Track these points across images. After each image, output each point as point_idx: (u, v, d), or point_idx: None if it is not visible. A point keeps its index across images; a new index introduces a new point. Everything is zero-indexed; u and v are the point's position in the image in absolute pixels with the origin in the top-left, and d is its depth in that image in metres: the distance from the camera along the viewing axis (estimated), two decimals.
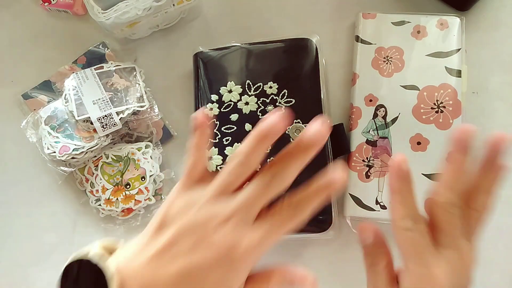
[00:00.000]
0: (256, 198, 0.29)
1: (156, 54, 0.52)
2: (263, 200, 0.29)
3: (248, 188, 0.29)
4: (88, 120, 0.45)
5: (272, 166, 0.30)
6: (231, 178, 0.30)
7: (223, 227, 0.29)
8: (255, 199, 0.29)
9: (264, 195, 0.29)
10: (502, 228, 0.46)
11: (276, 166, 0.30)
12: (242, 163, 0.30)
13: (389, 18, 0.49)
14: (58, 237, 0.48)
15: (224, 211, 0.29)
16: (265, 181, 0.29)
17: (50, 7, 0.53)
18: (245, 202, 0.29)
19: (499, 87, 0.49)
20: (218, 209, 0.29)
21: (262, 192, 0.29)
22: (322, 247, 0.46)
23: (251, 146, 0.30)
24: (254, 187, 0.29)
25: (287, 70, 0.46)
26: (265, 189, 0.29)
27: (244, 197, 0.29)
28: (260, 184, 0.29)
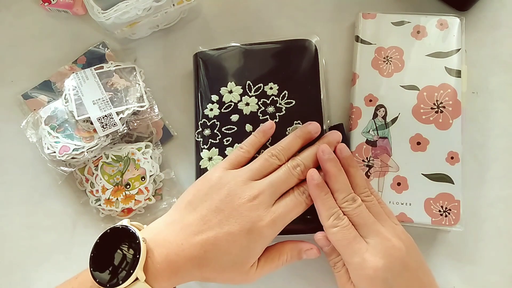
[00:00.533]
0: (280, 183, 0.37)
1: (156, 54, 0.52)
2: (287, 185, 0.38)
3: (276, 173, 0.38)
4: (88, 120, 0.45)
5: (297, 159, 0.39)
6: (262, 168, 0.38)
7: (250, 204, 0.35)
8: (279, 184, 0.37)
9: (289, 181, 0.38)
10: (502, 228, 0.46)
11: (301, 159, 0.39)
12: (275, 155, 0.39)
13: (389, 18, 0.49)
14: (58, 237, 0.48)
15: (252, 191, 0.36)
16: (292, 170, 0.38)
17: (50, 7, 0.53)
18: (270, 186, 0.37)
19: (499, 87, 0.49)
20: (247, 189, 0.36)
21: (287, 178, 0.38)
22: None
23: (288, 142, 0.40)
24: (282, 173, 0.38)
25: (287, 70, 0.46)
26: (290, 176, 0.38)
27: (270, 181, 0.37)
28: (287, 171, 0.38)
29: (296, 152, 0.40)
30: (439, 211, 0.43)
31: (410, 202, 0.43)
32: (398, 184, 0.44)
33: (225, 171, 0.38)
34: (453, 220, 0.43)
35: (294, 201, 0.38)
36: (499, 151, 0.48)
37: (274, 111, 0.45)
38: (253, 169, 0.38)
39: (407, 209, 0.43)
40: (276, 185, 0.37)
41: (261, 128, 0.42)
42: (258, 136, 0.41)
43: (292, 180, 0.38)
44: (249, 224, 0.35)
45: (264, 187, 0.36)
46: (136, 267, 0.32)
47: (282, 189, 0.37)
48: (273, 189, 0.37)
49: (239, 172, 0.38)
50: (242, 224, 0.35)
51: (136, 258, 0.33)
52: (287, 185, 0.38)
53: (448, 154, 0.44)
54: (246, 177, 0.37)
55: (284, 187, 0.37)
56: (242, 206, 0.35)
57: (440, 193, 0.43)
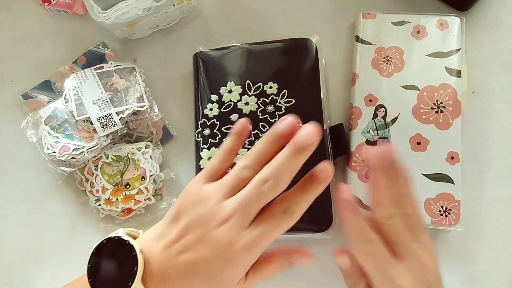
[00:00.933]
0: (251, 202, 0.31)
1: (156, 54, 0.52)
2: (258, 204, 0.32)
3: (243, 192, 0.32)
4: (88, 120, 0.45)
5: (265, 171, 0.31)
6: (235, 183, 0.33)
7: (222, 226, 0.31)
8: (250, 203, 0.31)
9: (259, 200, 0.31)
10: (502, 228, 0.46)
11: (270, 171, 0.31)
12: (247, 167, 0.33)
13: (389, 18, 0.49)
14: (58, 237, 0.48)
15: (223, 213, 0.32)
16: (259, 186, 0.31)
17: (50, 7, 0.53)
18: (240, 206, 0.31)
19: (499, 87, 0.49)
20: (219, 211, 0.32)
21: (256, 197, 0.31)
22: (322, 247, 0.46)
23: (258, 149, 0.33)
24: (249, 191, 0.31)
25: (287, 70, 0.46)
26: (260, 194, 0.31)
27: (239, 200, 0.31)
28: (255, 189, 0.31)
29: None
30: (439, 211, 0.43)
31: None
32: None
33: (202, 185, 0.34)
34: (453, 220, 0.43)
35: (273, 222, 0.32)
36: (499, 151, 0.48)
37: (273, 110, 0.45)
38: (226, 184, 0.33)
39: None
40: (246, 205, 0.31)
41: (233, 130, 0.35)
42: (232, 140, 0.35)
43: (264, 198, 0.31)
44: (222, 249, 0.31)
45: (235, 208, 0.31)
46: (135, 279, 0.32)
47: (254, 209, 0.31)
48: (244, 210, 0.31)
49: (214, 189, 0.33)
50: (216, 249, 0.32)
51: (134, 271, 0.32)
52: (259, 204, 0.31)
53: (448, 154, 0.44)
54: (220, 195, 0.32)
55: (256, 206, 0.31)
56: (214, 230, 0.32)
57: (440, 193, 0.43)
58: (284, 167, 0.31)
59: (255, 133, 0.45)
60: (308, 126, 0.30)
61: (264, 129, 0.45)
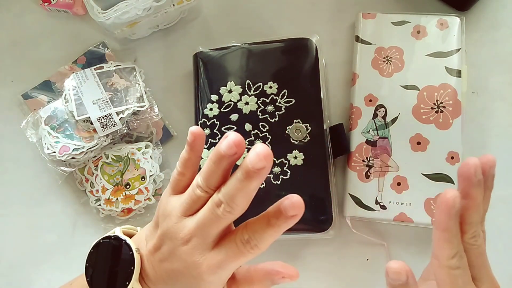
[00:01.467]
0: (207, 225, 0.30)
1: (156, 54, 0.52)
2: (216, 227, 0.30)
3: (200, 213, 0.30)
4: (88, 120, 0.45)
5: (219, 194, 0.29)
6: (191, 201, 0.31)
7: (185, 246, 0.31)
8: (207, 226, 0.30)
9: (215, 223, 0.29)
10: (502, 228, 0.46)
11: (222, 194, 0.29)
12: (199, 186, 0.31)
13: (389, 18, 0.49)
14: (58, 237, 0.48)
15: (184, 232, 0.31)
16: (214, 209, 0.29)
17: (50, 7, 0.53)
18: (199, 228, 0.30)
19: (499, 87, 0.49)
20: (180, 229, 0.31)
21: (212, 220, 0.29)
22: (322, 247, 0.46)
23: (205, 169, 0.30)
24: (205, 214, 0.30)
25: (287, 70, 0.46)
26: (215, 217, 0.29)
27: (197, 221, 0.30)
28: (210, 212, 0.29)
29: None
30: None
31: (410, 202, 0.43)
32: (398, 184, 0.44)
33: (168, 197, 0.33)
34: None
35: (235, 251, 0.30)
36: (499, 151, 0.48)
37: (273, 110, 0.45)
38: (183, 202, 0.31)
39: (407, 209, 0.43)
40: (204, 228, 0.30)
41: (188, 140, 0.32)
42: (186, 151, 0.32)
43: (220, 222, 0.29)
44: (191, 268, 0.30)
45: (194, 229, 0.30)
46: (132, 278, 0.32)
47: (213, 231, 0.30)
48: (203, 232, 0.30)
49: (175, 205, 0.32)
50: (184, 267, 0.31)
51: (131, 270, 0.32)
52: (217, 227, 0.30)
53: (448, 154, 0.44)
54: (179, 212, 0.31)
55: (215, 229, 0.30)
56: (181, 247, 0.31)
57: (440, 193, 0.43)
58: (236, 192, 0.28)
59: (255, 133, 0.45)
60: (257, 147, 0.26)
61: (264, 129, 0.45)
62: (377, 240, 0.45)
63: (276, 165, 0.44)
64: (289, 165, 0.44)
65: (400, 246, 0.46)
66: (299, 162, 0.44)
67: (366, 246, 0.46)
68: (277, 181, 0.43)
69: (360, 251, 0.46)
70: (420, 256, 0.45)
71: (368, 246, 0.46)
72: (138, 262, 0.32)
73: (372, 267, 0.45)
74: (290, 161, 0.44)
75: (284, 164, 0.44)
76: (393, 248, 0.45)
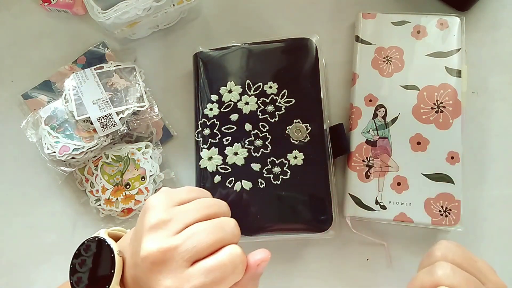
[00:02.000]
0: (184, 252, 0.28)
1: (156, 54, 0.52)
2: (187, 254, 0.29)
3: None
4: (88, 120, 0.45)
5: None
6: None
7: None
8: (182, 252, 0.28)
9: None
10: (502, 228, 0.46)
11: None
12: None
13: (389, 18, 0.49)
14: (58, 237, 0.48)
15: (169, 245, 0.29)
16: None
17: (50, 7, 0.53)
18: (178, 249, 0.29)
19: (499, 87, 0.49)
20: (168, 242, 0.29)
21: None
22: (322, 247, 0.46)
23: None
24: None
25: (287, 70, 0.46)
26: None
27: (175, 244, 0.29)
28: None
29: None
30: (439, 211, 0.43)
31: (410, 202, 0.43)
32: (398, 184, 0.44)
33: None
34: (453, 220, 0.43)
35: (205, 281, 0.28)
36: (499, 151, 0.48)
37: (273, 110, 0.45)
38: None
39: (407, 209, 0.43)
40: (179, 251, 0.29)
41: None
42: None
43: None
44: None
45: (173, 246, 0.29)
46: (112, 282, 0.30)
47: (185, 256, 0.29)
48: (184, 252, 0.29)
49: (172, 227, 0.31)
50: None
51: (111, 273, 0.31)
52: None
53: (448, 154, 0.44)
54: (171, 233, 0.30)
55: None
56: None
57: (440, 193, 0.43)
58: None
59: (255, 133, 0.45)
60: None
61: (264, 129, 0.45)
62: (377, 240, 0.45)
63: (276, 165, 0.44)
64: (289, 165, 0.44)
65: (400, 246, 0.46)
66: (299, 162, 0.44)
67: (366, 246, 0.46)
68: (277, 181, 0.43)
69: (360, 251, 0.46)
70: (420, 256, 0.44)
71: (368, 246, 0.46)
72: (120, 265, 0.31)
73: (372, 267, 0.45)
74: (290, 161, 0.44)
75: (284, 164, 0.44)
76: (393, 248, 0.45)
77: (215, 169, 0.44)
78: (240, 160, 0.44)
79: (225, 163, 0.44)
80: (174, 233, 0.29)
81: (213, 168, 0.44)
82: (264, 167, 0.44)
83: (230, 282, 0.29)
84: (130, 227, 0.47)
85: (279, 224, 0.43)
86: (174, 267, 0.28)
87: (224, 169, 0.44)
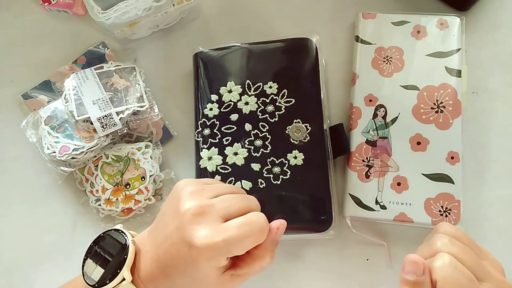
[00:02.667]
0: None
1: (156, 54, 0.52)
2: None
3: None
4: (88, 120, 0.45)
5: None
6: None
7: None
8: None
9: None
10: (502, 228, 0.46)
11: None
12: None
13: (389, 18, 0.49)
14: (58, 237, 0.48)
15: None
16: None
17: (50, 7, 0.53)
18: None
19: (499, 87, 0.49)
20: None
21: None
22: (322, 247, 0.46)
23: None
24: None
25: (287, 70, 0.46)
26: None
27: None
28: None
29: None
30: (439, 211, 0.43)
31: (410, 202, 0.43)
32: (398, 184, 0.44)
33: None
34: (453, 220, 0.43)
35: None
36: (499, 151, 0.48)
37: (273, 110, 0.45)
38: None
39: (407, 209, 0.43)
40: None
41: None
42: None
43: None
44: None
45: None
46: (123, 267, 0.33)
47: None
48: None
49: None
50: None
51: (124, 258, 0.34)
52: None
53: (448, 154, 0.44)
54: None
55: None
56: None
57: (440, 193, 0.43)
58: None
59: (255, 133, 0.45)
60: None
61: (264, 129, 0.45)
62: (377, 240, 0.45)
63: (276, 165, 0.44)
64: (289, 165, 0.44)
65: (400, 246, 0.46)
66: (299, 162, 0.44)
67: (366, 246, 0.46)
68: (277, 181, 0.43)
69: (360, 251, 0.46)
70: None
71: (368, 246, 0.46)
72: (132, 252, 0.34)
73: (372, 267, 0.45)
74: (290, 161, 0.44)
75: (284, 164, 0.44)
76: (393, 248, 0.45)
77: (215, 169, 0.44)
78: (240, 160, 0.44)
79: (225, 163, 0.44)
80: (209, 198, 0.34)
81: (213, 168, 0.44)
82: (264, 167, 0.44)
83: (256, 239, 0.33)
84: (130, 227, 0.47)
85: None
86: (210, 220, 0.32)
87: (224, 169, 0.44)
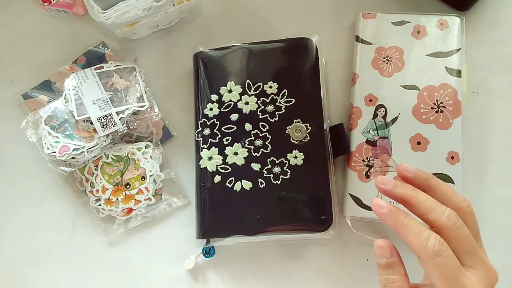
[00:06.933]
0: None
1: (156, 54, 0.52)
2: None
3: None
4: (88, 120, 0.45)
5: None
6: None
7: None
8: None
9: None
10: (502, 228, 0.46)
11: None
12: None
13: (389, 18, 0.49)
14: (58, 237, 0.48)
15: None
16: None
17: (50, 7, 0.53)
18: None
19: (499, 87, 0.49)
20: None
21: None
22: (322, 247, 0.46)
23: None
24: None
25: (287, 69, 0.46)
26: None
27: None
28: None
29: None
30: None
31: None
32: None
33: None
34: None
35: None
36: (499, 151, 0.48)
37: (273, 110, 0.45)
38: None
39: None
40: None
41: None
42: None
43: None
44: None
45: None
46: None
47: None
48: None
49: None
50: None
51: None
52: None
53: (448, 154, 0.44)
54: None
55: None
56: None
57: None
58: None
59: (255, 133, 0.45)
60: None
61: (264, 129, 0.45)
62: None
63: (276, 165, 0.44)
64: (289, 165, 0.44)
65: (400, 246, 0.46)
66: (299, 162, 0.44)
67: (366, 246, 0.46)
68: (277, 181, 0.43)
69: (360, 251, 0.46)
70: None
71: (368, 246, 0.46)
72: None
73: (372, 267, 0.45)
74: (290, 161, 0.44)
75: (284, 164, 0.44)
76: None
77: (215, 169, 0.44)
78: (240, 160, 0.44)
79: (225, 163, 0.44)
80: None
81: (213, 168, 0.44)
82: (264, 167, 0.44)
83: None
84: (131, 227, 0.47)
85: (279, 224, 0.43)
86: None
87: (224, 169, 0.44)
